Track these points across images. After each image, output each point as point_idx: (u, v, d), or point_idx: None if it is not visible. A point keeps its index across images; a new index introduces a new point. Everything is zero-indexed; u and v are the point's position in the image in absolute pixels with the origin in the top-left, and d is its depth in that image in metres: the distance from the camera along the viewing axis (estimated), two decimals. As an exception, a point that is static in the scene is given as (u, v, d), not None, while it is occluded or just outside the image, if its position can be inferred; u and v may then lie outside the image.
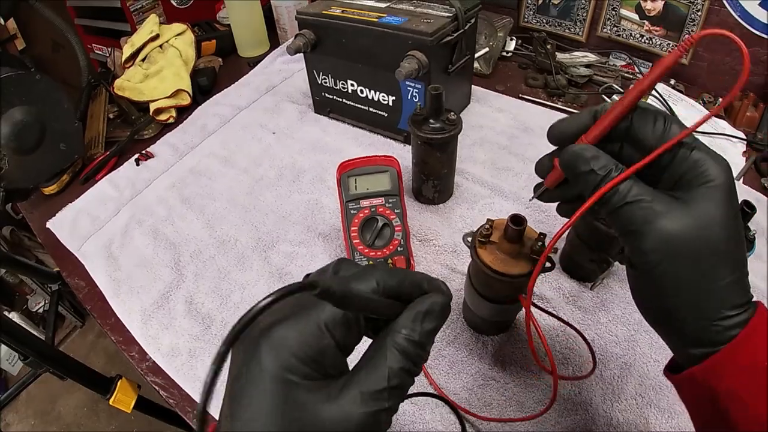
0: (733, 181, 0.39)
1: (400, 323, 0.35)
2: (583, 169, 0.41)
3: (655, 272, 0.39)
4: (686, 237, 0.37)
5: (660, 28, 1.19)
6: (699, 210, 0.37)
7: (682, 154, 0.39)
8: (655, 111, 0.41)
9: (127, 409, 1.15)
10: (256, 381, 0.32)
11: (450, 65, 0.97)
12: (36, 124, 0.97)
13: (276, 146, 1.11)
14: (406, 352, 0.34)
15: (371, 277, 0.36)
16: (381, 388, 0.32)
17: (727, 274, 0.37)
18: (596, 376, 0.67)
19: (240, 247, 0.90)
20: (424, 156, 0.84)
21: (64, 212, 1.02)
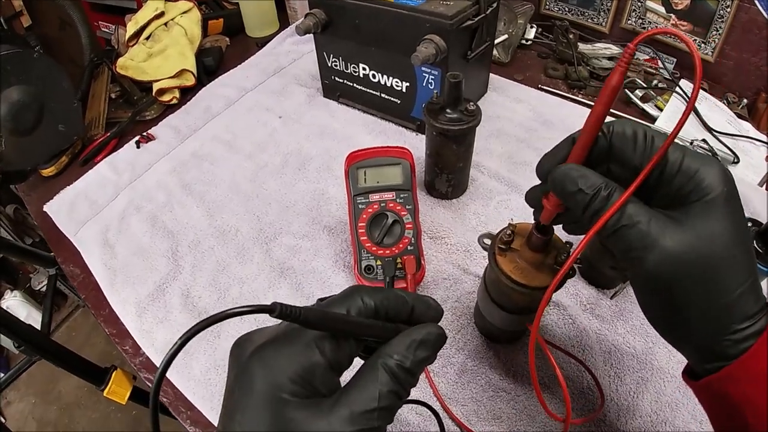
0: (733, 186, 0.38)
1: (394, 348, 0.35)
2: (571, 189, 0.40)
3: (659, 295, 0.39)
4: (687, 259, 0.36)
5: (687, 23, 1.13)
6: (699, 228, 0.36)
7: (671, 168, 0.38)
8: (634, 127, 0.40)
9: (122, 401, 1.12)
10: (247, 397, 0.32)
11: (469, 51, 0.91)
12: (34, 104, 0.94)
13: (282, 131, 1.06)
14: (396, 376, 0.34)
15: (355, 298, 0.36)
16: (371, 408, 0.32)
17: (735, 288, 0.36)
18: (611, 390, 0.64)
19: (240, 238, 0.86)
20: (439, 148, 0.79)
21: (62, 195, 0.98)
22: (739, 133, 1.00)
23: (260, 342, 0.35)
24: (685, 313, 0.38)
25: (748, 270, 0.37)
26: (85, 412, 1.93)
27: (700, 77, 0.34)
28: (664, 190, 0.39)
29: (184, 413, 0.68)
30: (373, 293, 0.37)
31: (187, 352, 0.72)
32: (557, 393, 0.65)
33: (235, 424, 0.32)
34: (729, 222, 0.37)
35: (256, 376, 0.33)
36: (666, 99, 1.07)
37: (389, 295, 0.38)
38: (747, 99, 1.11)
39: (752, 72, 1.10)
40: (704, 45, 1.12)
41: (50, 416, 1.95)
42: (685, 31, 1.14)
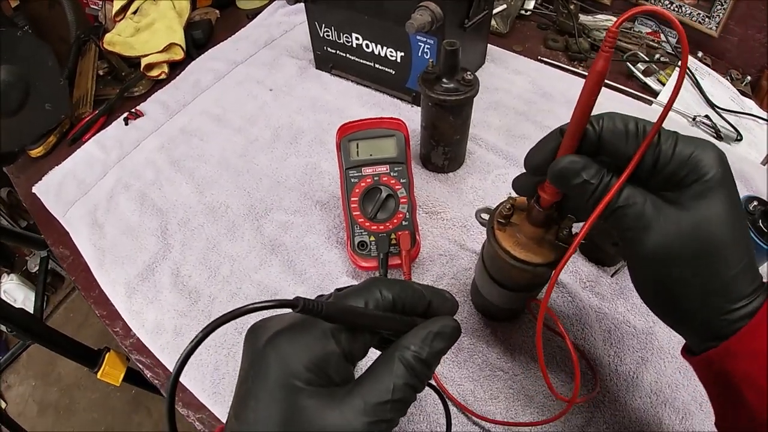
0: (727, 168, 0.37)
1: (410, 339, 0.35)
2: (576, 181, 0.40)
3: (656, 274, 0.40)
4: (684, 239, 0.37)
5: None
6: (695, 209, 0.37)
7: (665, 155, 0.37)
8: (624, 120, 0.39)
9: (116, 383, 1.12)
10: (261, 384, 0.33)
11: (466, 20, 0.87)
12: (19, 84, 0.92)
13: (273, 104, 1.03)
14: (412, 368, 0.34)
15: (373, 291, 0.37)
16: (384, 400, 0.33)
17: (731, 268, 0.37)
18: (611, 370, 0.63)
19: (231, 214, 0.83)
20: (435, 119, 0.76)
21: (50, 176, 0.96)
22: (742, 111, 0.98)
23: (276, 329, 0.35)
24: (681, 293, 0.39)
25: (743, 250, 0.37)
26: (85, 393, 1.94)
27: (685, 65, 0.34)
28: (661, 177, 0.38)
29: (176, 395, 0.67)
30: (390, 286, 0.37)
31: (178, 332, 0.71)
32: (556, 372, 0.63)
33: (248, 410, 0.33)
34: (725, 203, 0.37)
35: (271, 364, 0.33)
36: (669, 73, 1.04)
37: (407, 288, 0.38)
38: (750, 76, 1.08)
39: (756, 49, 1.07)
40: (708, 19, 1.08)
41: (51, 398, 1.96)
42: (690, 4, 1.10)
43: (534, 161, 0.43)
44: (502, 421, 0.59)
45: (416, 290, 0.38)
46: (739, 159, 0.86)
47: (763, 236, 0.56)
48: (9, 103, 0.90)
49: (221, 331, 0.69)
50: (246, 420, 0.33)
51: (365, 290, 0.37)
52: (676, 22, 0.33)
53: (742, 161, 0.86)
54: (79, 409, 1.92)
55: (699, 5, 1.09)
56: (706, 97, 0.98)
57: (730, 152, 0.86)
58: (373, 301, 0.36)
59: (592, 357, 0.64)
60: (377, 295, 0.37)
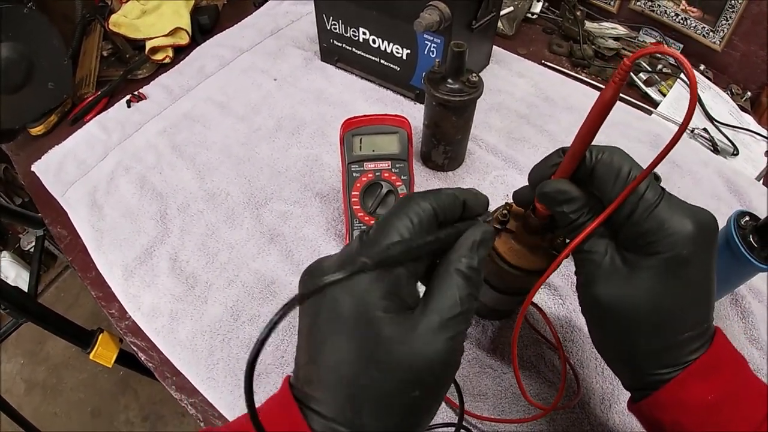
0: (705, 245, 0.37)
1: (460, 252, 0.36)
2: (557, 209, 0.42)
3: (594, 320, 0.43)
4: (624, 306, 0.39)
5: (697, 9, 1.10)
6: (641, 284, 0.38)
7: (641, 213, 0.38)
8: (622, 161, 0.39)
9: (108, 364, 1.11)
10: (335, 324, 0.33)
11: (474, 21, 0.88)
12: (23, 62, 0.91)
13: (277, 94, 1.03)
14: (470, 278, 0.35)
15: (413, 207, 0.37)
16: (456, 313, 0.34)
17: (659, 343, 0.38)
18: (597, 373, 0.64)
19: (231, 202, 0.84)
20: (438, 119, 0.77)
21: (50, 155, 0.95)
22: (741, 126, 0.99)
23: (328, 270, 0.35)
24: (615, 345, 0.42)
25: (694, 323, 0.38)
26: (73, 373, 1.93)
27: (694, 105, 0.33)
28: (631, 232, 0.39)
29: (169, 379, 0.68)
30: (426, 197, 0.38)
31: (174, 317, 0.71)
32: (543, 373, 0.64)
33: (325, 354, 0.33)
34: (680, 284, 0.37)
35: (343, 302, 0.33)
36: (670, 84, 1.05)
37: (441, 195, 0.38)
38: (751, 92, 1.10)
39: (758, 65, 1.09)
40: (713, 33, 1.10)
41: (38, 377, 1.96)
42: (695, 17, 1.11)
43: (535, 175, 0.45)
44: (490, 417, 0.60)
45: (449, 195, 0.39)
46: (735, 173, 0.87)
47: (753, 251, 0.57)
48: (11, 81, 0.90)
49: (216, 317, 0.70)
50: (326, 363, 0.33)
51: (407, 208, 0.36)
52: (689, 66, 0.32)
53: (737, 176, 0.87)
54: (66, 389, 1.92)
55: (704, 19, 1.10)
56: (706, 111, 0.99)
57: (726, 166, 0.88)
58: (416, 216, 0.36)
59: (578, 360, 0.65)
60: (418, 209, 0.36)
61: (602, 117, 0.37)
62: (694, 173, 0.87)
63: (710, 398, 0.37)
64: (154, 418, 1.83)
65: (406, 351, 0.32)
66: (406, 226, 0.36)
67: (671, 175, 0.87)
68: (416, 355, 0.32)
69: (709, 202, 0.83)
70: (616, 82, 0.35)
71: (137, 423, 1.83)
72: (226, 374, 0.65)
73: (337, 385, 0.32)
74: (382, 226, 0.36)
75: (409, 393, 0.33)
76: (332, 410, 0.32)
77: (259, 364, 0.65)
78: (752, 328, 0.69)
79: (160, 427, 1.82)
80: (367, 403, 0.32)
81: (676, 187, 0.84)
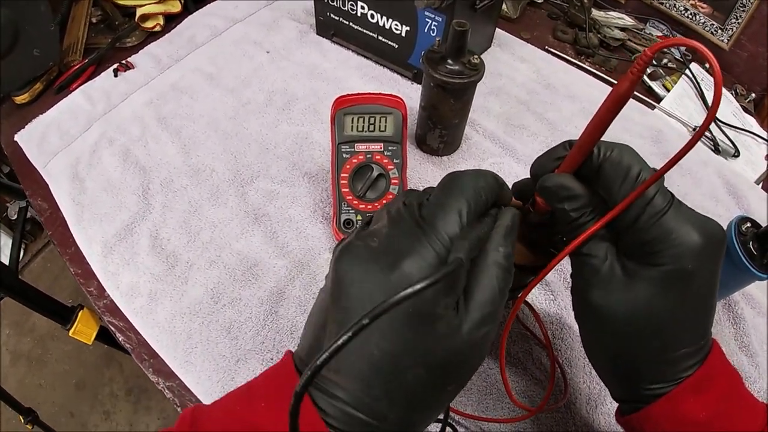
0: (709, 260, 0.35)
1: (496, 242, 0.36)
2: (558, 205, 0.39)
3: (587, 326, 0.42)
4: (620, 316, 0.37)
5: (707, 6, 1.08)
6: (639, 292, 0.36)
7: (647, 220, 0.35)
8: (631, 160, 0.37)
9: (88, 341, 1.09)
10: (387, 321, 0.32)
11: (478, 1, 0.84)
12: (8, 27, 0.87)
13: (268, 67, 1.00)
14: (507, 268, 0.35)
15: (465, 193, 0.36)
16: (495, 308, 0.34)
17: (654, 358, 0.37)
18: (585, 372, 0.63)
19: (215, 178, 0.81)
20: (436, 101, 0.73)
21: (34, 124, 0.91)
22: (743, 127, 0.97)
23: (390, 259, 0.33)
24: (601, 358, 0.42)
25: (692, 339, 0.37)
26: (58, 344, 1.92)
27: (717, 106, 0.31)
28: (634, 239, 0.36)
29: (147, 361, 0.66)
30: (477, 178, 0.37)
31: (153, 297, 0.69)
32: (530, 370, 0.63)
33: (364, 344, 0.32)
34: (681, 298, 0.36)
35: None
36: (674, 80, 1.02)
37: (488, 178, 0.38)
38: (755, 93, 1.08)
39: (764, 67, 1.07)
40: (721, 31, 1.07)
41: (23, 348, 1.94)
42: (704, 13, 1.09)
43: (538, 168, 0.42)
44: (473, 414, 0.58)
45: (493, 176, 0.38)
46: (735, 175, 0.86)
47: (754, 260, 0.55)
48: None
49: (196, 299, 0.67)
50: (363, 352, 0.32)
51: (460, 190, 0.36)
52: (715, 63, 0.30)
53: (737, 178, 0.85)
54: (52, 360, 1.90)
55: (714, 16, 1.07)
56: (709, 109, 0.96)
57: (726, 167, 0.86)
58: (472, 200, 0.35)
59: (566, 358, 0.63)
60: (472, 192, 0.36)
61: (615, 111, 0.34)
62: (694, 173, 0.85)
63: (702, 416, 0.36)
64: (138, 391, 1.83)
65: (452, 348, 0.32)
66: (464, 210, 0.35)
67: (671, 172, 0.83)
68: (460, 353, 0.33)
69: (707, 203, 0.81)
70: (634, 74, 0.31)
71: (121, 396, 1.82)
72: (204, 359, 0.63)
73: (372, 375, 0.32)
74: (437, 207, 0.35)
75: (445, 387, 0.34)
76: (355, 397, 0.32)
77: (237, 350, 0.63)
78: (743, 335, 0.67)
79: (144, 401, 1.81)
80: (401, 394, 0.32)
81: (675, 185, 0.82)
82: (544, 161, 0.41)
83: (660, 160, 0.85)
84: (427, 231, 0.34)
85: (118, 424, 1.77)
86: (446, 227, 0.34)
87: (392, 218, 0.37)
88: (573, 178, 0.39)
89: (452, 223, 0.34)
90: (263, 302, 0.67)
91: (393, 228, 0.35)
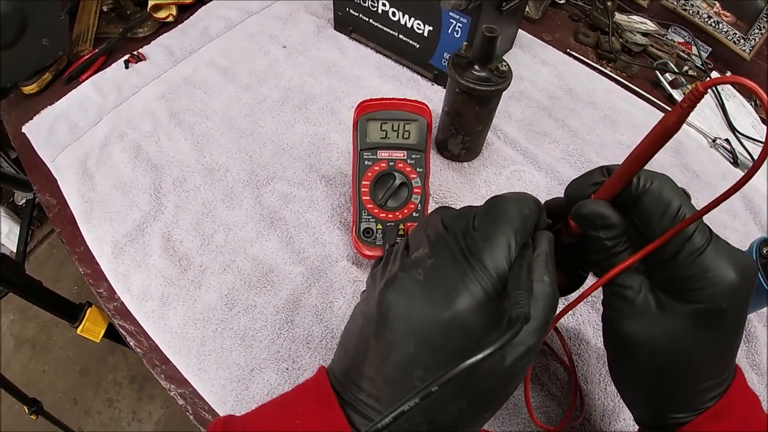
0: (740, 300, 0.35)
1: (540, 270, 0.35)
2: (593, 233, 0.39)
3: (617, 355, 0.42)
4: (650, 349, 0.37)
5: (730, 14, 1.05)
6: (671, 326, 0.36)
7: (686, 257, 0.35)
8: (671, 194, 0.36)
9: (96, 339, 1.08)
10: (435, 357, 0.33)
11: (504, 2, 0.81)
12: (16, 16, 0.84)
13: (285, 63, 0.97)
14: (553, 296, 0.34)
15: (514, 223, 0.35)
16: (539, 337, 0.33)
17: (681, 388, 0.38)
18: (600, 389, 0.61)
19: (230, 179, 0.79)
20: (460, 107, 0.71)
21: (42, 116, 0.89)
22: (761, 140, 0.94)
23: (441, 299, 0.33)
24: (634, 384, 0.42)
25: (718, 371, 0.37)
26: (63, 331, 1.91)
27: None
28: (670, 275, 0.36)
29: (158, 367, 0.64)
30: (523, 204, 0.36)
31: (165, 301, 0.67)
32: (546, 386, 0.61)
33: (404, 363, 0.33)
34: (712, 335, 0.36)
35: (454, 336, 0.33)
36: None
37: (531, 204, 0.37)
38: None
39: None
40: (743, 41, 1.05)
41: (28, 333, 1.94)
42: (728, 22, 1.06)
43: (573, 191, 0.42)
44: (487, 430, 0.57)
45: (536, 202, 0.38)
46: (753, 190, 0.84)
47: None
48: (4, 36, 0.84)
49: (210, 305, 0.66)
50: (412, 387, 0.32)
51: (509, 219, 0.35)
52: (761, 92, 0.29)
53: (755, 193, 0.83)
54: (56, 347, 1.90)
55: (737, 25, 1.05)
56: (729, 120, 0.95)
57: None
58: (520, 230, 0.35)
59: (582, 374, 0.62)
60: (520, 221, 0.35)
61: (661, 143, 0.33)
62: (713, 186, 0.83)
63: None
64: (142, 379, 1.83)
65: (495, 381, 0.33)
66: (512, 243, 0.34)
67: (690, 185, 0.82)
68: (501, 384, 0.34)
69: (724, 217, 0.80)
70: (683, 108, 0.31)
71: (125, 384, 1.82)
72: (218, 366, 0.62)
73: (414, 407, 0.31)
74: (484, 241, 0.34)
75: (483, 416, 0.35)
76: (396, 425, 0.31)
77: (252, 359, 0.62)
78: (754, 353, 0.66)
79: (147, 389, 1.81)
80: (441, 424, 0.33)
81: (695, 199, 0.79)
82: (581, 185, 0.41)
83: (680, 171, 0.84)
84: (475, 266, 0.33)
85: (121, 412, 1.77)
86: (495, 263, 0.33)
87: (434, 245, 0.36)
88: (610, 207, 0.38)
89: (501, 258, 0.34)
90: (279, 310, 0.65)
91: (437, 257, 0.35)
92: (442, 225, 0.37)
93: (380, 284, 0.36)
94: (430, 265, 0.35)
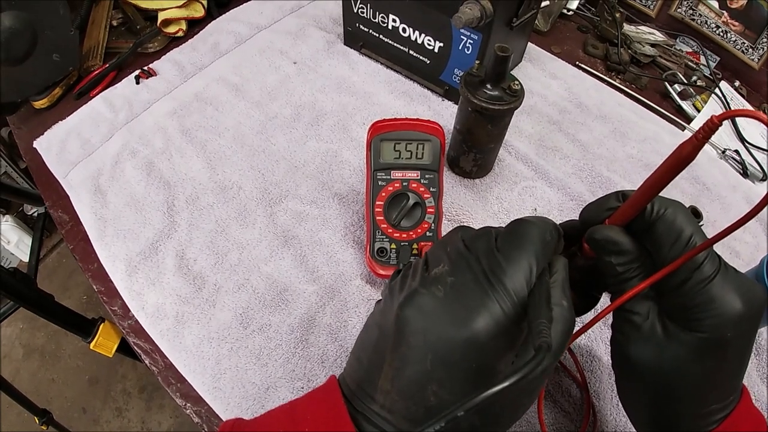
0: (747, 330, 0.36)
1: (558, 296, 0.35)
2: (605, 258, 0.40)
3: (623, 376, 0.44)
4: (656, 373, 0.38)
5: (738, 24, 1.05)
6: (676, 353, 0.37)
7: (694, 286, 0.35)
8: (684, 222, 0.37)
9: (109, 354, 1.09)
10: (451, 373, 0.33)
11: (515, 18, 0.81)
12: (27, 32, 0.85)
13: (296, 79, 0.97)
14: (570, 320, 0.34)
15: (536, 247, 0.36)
16: (555, 361, 0.34)
17: (686, 411, 0.38)
18: (612, 405, 0.61)
19: (243, 197, 0.79)
20: (472, 125, 0.71)
21: (54, 131, 0.90)
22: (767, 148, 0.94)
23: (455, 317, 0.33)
24: (639, 404, 0.43)
25: (723, 396, 0.38)
26: (72, 340, 1.91)
27: None
28: (681, 301, 0.37)
29: (174, 385, 0.64)
30: (543, 229, 0.36)
31: (179, 320, 0.67)
32: (559, 402, 0.61)
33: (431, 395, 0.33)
34: (716, 363, 0.36)
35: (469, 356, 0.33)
36: (704, 99, 1.00)
37: (552, 229, 0.37)
38: None
39: None
40: (752, 50, 1.05)
41: (37, 342, 1.94)
42: (736, 31, 1.06)
43: (588, 215, 0.42)
44: None
45: (555, 227, 0.38)
46: (759, 196, 0.83)
47: None
48: (14, 52, 0.84)
49: (225, 324, 0.66)
50: (425, 401, 0.33)
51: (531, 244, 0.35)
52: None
53: None
54: (65, 356, 1.90)
55: (745, 34, 1.05)
56: (738, 131, 0.95)
57: (753, 192, 0.84)
58: (542, 255, 0.35)
59: (594, 391, 0.62)
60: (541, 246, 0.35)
61: (676, 172, 0.34)
62: (723, 198, 0.83)
63: None
64: (152, 389, 1.83)
65: (509, 399, 0.34)
66: (534, 268, 0.34)
67: (700, 198, 0.82)
68: (515, 401, 0.34)
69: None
70: (699, 139, 0.31)
71: (134, 394, 1.82)
72: (233, 385, 0.62)
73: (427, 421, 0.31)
74: (506, 262, 0.34)
75: (494, 430, 0.35)
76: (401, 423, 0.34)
77: (267, 377, 0.62)
78: (765, 366, 0.66)
79: (157, 399, 1.81)
80: None
81: (705, 211, 0.79)
82: (596, 210, 0.41)
83: (689, 184, 0.84)
84: (496, 287, 0.33)
85: (130, 421, 1.77)
86: (515, 285, 0.33)
87: (455, 264, 0.36)
88: (623, 233, 0.39)
89: (521, 281, 0.34)
90: (294, 329, 0.65)
91: (458, 276, 0.35)
92: (463, 244, 0.38)
93: (399, 298, 0.36)
94: (450, 283, 0.35)
